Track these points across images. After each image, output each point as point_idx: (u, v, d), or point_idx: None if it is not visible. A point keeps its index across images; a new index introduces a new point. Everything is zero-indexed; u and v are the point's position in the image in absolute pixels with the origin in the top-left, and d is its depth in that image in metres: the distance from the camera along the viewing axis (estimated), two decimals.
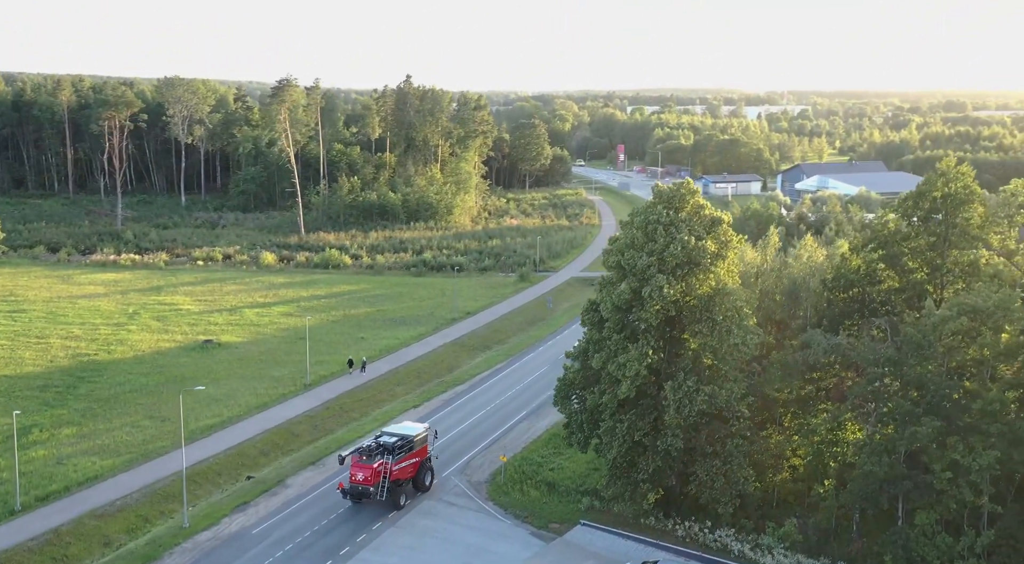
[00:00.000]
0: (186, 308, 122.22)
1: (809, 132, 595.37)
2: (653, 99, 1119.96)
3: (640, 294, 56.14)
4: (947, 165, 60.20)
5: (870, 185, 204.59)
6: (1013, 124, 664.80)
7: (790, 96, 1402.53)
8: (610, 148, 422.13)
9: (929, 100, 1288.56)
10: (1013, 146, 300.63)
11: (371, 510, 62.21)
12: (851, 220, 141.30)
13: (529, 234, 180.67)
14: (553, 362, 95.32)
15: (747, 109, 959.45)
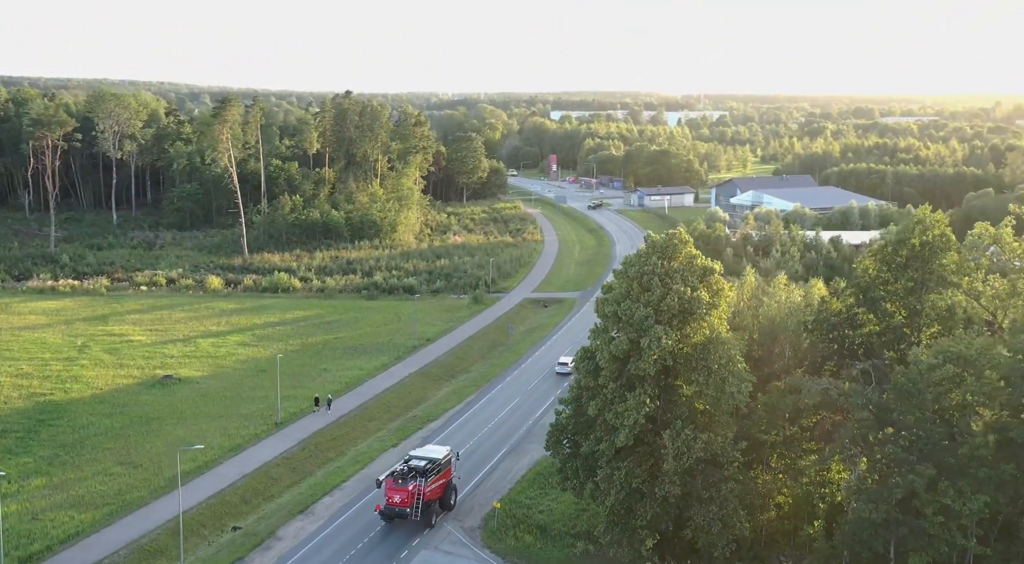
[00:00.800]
0: (137, 339, 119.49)
1: (731, 139, 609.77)
2: (575, 103, 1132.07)
3: (638, 344, 57.18)
4: (923, 213, 62.61)
5: (803, 200, 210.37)
6: (921, 131, 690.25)
7: (706, 100, 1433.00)
8: (541, 157, 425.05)
9: (837, 105, 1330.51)
10: (928, 159, 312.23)
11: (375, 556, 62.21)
12: (794, 240, 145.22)
13: (476, 252, 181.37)
14: (524, 393, 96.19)
15: (668, 114, 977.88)
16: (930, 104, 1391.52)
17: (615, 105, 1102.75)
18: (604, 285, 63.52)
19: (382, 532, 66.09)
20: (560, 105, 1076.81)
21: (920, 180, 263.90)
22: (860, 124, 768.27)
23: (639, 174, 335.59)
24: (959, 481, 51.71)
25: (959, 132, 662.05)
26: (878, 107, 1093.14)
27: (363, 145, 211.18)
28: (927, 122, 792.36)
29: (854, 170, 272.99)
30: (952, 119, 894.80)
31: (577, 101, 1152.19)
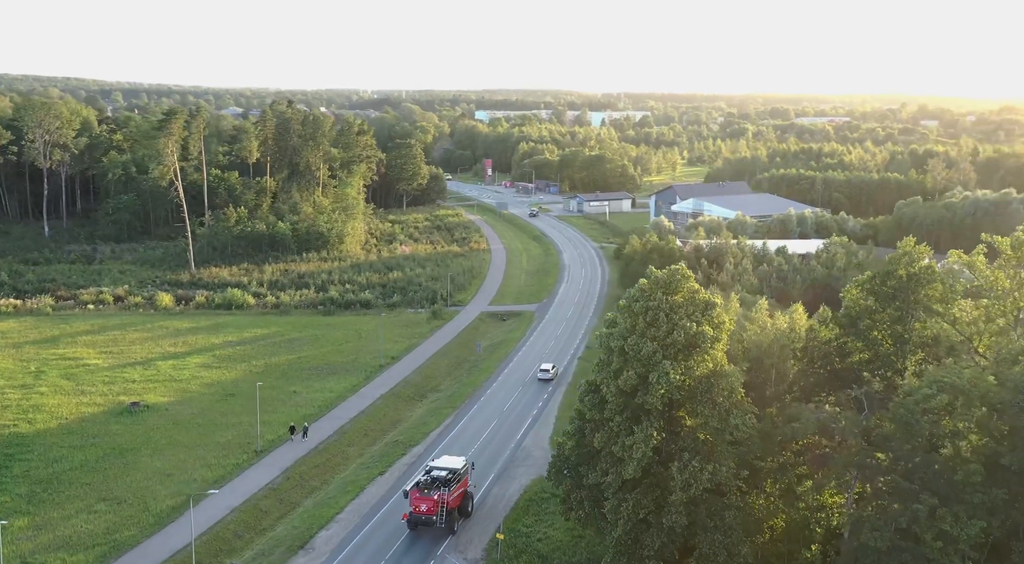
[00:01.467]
0: (94, 362, 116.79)
1: (656, 140, 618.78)
2: (498, 103, 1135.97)
3: (646, 379, 58.56)
4: (907, 245, 65.17)
5: (742, 208, 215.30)
6: (836, 133, 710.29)
7: (626, 99, 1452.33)
8: (474, 161, 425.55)
9: (752, 104, 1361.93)
10: (853, 164, 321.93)
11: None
12: (744, 251, 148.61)
13: (426, 263, 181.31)
14: (500, 414, 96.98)
15: (591, 115, 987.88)
16: (839, 103, 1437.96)
17: (538, 105, 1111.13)
18: (606, 318, 64.75)
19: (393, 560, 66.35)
20: (484, 105, 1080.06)
21: (848, 186, 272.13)
22: (778, 125, 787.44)
23: (575, 179, 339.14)
24: (955, 507, 54.40)
25: (872, 133, 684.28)
26: (792, 107, 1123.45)
27: (306, 154, 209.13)
28: (841, 124, 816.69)
29: (785, 176, 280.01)
30: (863, 120, 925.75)
31: (500, 100, 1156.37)
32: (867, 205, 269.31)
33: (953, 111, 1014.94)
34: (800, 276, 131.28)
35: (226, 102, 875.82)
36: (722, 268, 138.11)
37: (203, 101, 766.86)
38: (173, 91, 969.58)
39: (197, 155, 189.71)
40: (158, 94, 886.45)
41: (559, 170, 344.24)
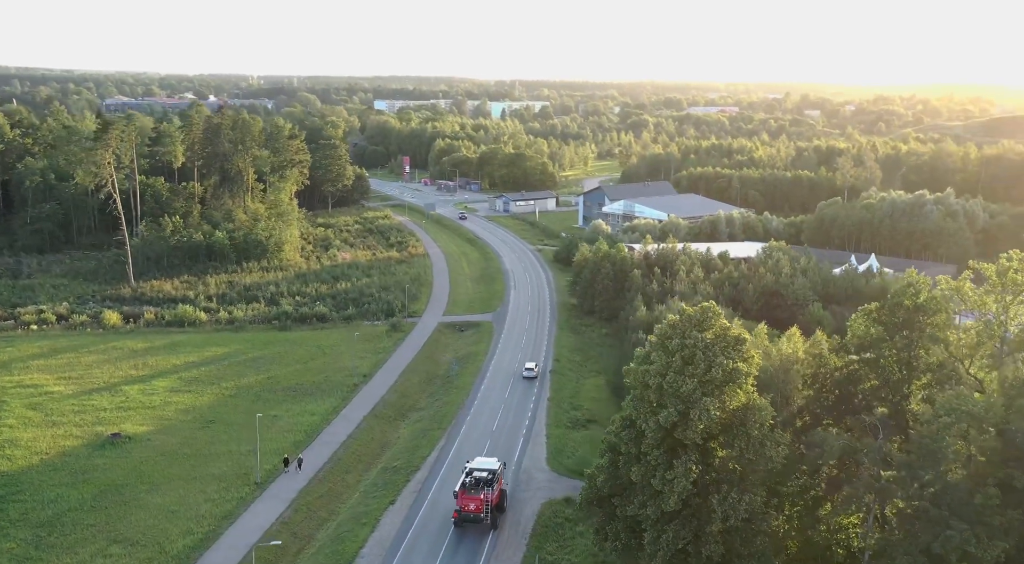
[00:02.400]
0: (56, 390, 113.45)
1: (561, 133, 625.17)
2: (395, 92, 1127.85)
3: (687, 415, 61.24)
4: (911, 276, 69.25)
5: (672, 209, 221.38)
6: (732, 124, 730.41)
7: (521, 87, 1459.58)
8: (388, 157, 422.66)
9: (643, 91, 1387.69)
10: (763, 160, 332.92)
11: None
12: (691, 257, 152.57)
13: (371, 271, 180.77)
14: (491, 435, 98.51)
15: (491, 105, 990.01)
16: (724, 92, 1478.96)
17: (436, 94, 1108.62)
18: (637, 354, 67.00)
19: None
20: (381, 94, 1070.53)
21: (763, 183, 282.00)
22: (673, 116, 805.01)
23: (494, 176, 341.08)
24: (976, 528, 58.93)
25: (765, 124, 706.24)
26: (682, 97, 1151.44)
27: (237, 160, 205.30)
28: (733, 114, 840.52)
29: (703, 174, 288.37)
30: (751, 109, 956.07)
31: (397, 90, 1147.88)
32: (782, 202, 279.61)
33: (832, 101, 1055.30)
34: (752, 284, 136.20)
35: (108, 90, 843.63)
36: (675, 276, 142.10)
37: (84, 88, 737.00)
38: (48, 77, 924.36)
39: (129, 163, 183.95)
40: (31, 81, 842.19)
41: (478, 167, 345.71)
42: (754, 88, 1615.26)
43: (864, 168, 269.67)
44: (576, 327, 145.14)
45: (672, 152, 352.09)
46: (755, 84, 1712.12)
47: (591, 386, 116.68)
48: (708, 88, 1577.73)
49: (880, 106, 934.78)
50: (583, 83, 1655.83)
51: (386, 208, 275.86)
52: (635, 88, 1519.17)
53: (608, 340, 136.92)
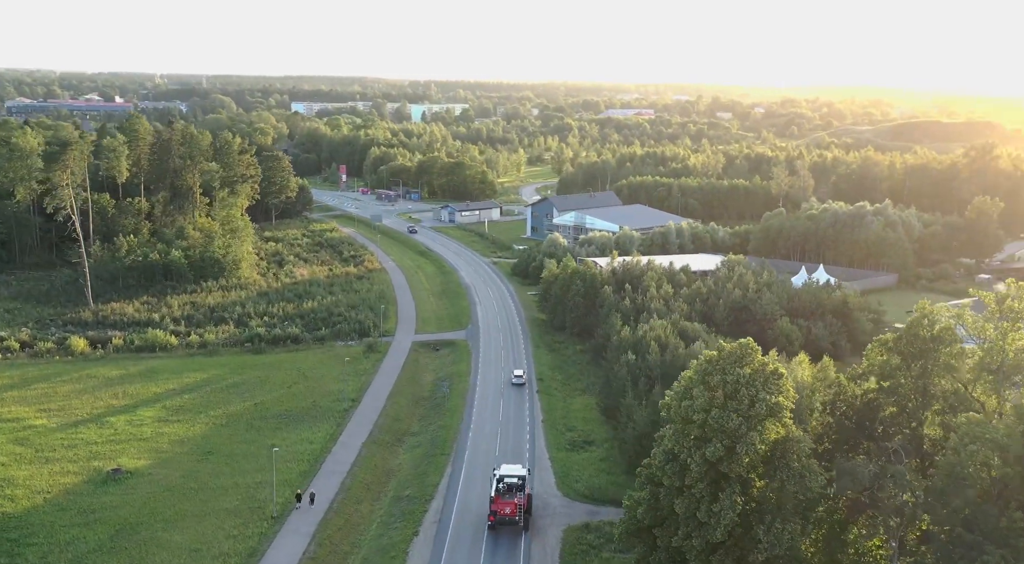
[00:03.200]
0: (38, 423, 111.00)
1: (487, 137, 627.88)
2: (312, 94, 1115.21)
3: (733, 449, 64.08)
4: (924, 307, 73.18)
5: (622, 221, 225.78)
6: (652, 128, 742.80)
7: (436, 87, 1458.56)
8: (320, 165, 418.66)
9: (557, 93, 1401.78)
10: (697, 169, 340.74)
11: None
12: (655, 272, 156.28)
13: (333, 289, 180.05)
14: (495, 460, 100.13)
15: (411, 107, 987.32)
16: (635, 92, 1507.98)
17: (352, 95, 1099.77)
18: (677, 386, 69.39)
19: None
20: (297, 96, 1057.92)
21: (701, 192, 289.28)
22: (595, 119, 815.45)
23: (434, 185, 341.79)
24: (1003, 550, 63.18)
25: (685, 128, 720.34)
26: (598, 98, 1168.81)
27: (187, 176, 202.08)
28: (653, 117, 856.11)
29: (643, 183, 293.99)
30: (666, 112, 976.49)
31: (313, 91, 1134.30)
32: (720, 210, 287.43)
33: (742, 103, 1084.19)
34: (722, 300, 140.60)
35: (7, 90, 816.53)
36: (646, 292, 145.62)
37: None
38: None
39: (81, 181, 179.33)
40: None
41: (417, 176, 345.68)
42: (663, 89, 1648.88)
43: (798, 177, 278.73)
44: (550, 344, 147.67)
45: (608, 160, 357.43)
46: (664, 85, 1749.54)
47: (579, 406, 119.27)
48: (619, 89, 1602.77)
49: (788, 109, 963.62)
50: (497, 84, 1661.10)
51: (331, 220, 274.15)
52: (549, 89, 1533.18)
53: (584, 357, 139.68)
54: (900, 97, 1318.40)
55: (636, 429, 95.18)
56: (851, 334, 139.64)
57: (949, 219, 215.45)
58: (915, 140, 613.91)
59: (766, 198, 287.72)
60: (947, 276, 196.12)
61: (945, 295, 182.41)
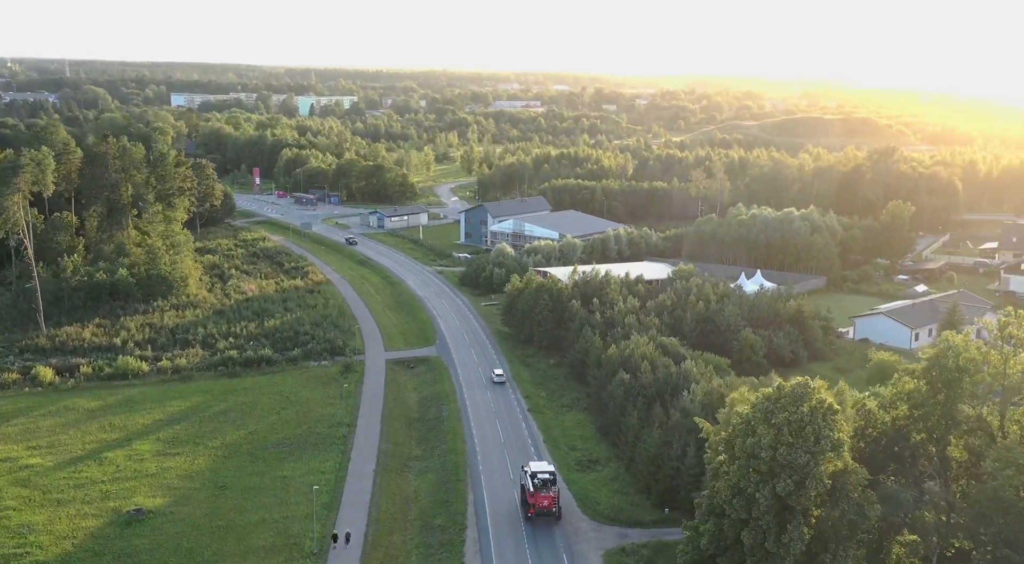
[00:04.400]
0: (33, 462, 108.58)
1: (386, 133, 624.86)
2: (190, 85, 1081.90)
3: (802, 484, 69.27)
4: (950, 338, 79.67)
5: (560, 228, 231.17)
6: (547, 123, 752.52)
7: (316, 76, 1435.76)
8: (226, 167, 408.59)
9: (439, 81, 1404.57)
10: (612, 170, 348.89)
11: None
12: (616, 282, 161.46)
13: (288, 304, 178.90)
14: (513, 484, 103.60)
15: (298, 99, 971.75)
16: (516, 81, 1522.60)
17: (234, 86, 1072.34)
18: (737, 422, 74.21)
19: None
20: (175, 86, 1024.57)
21: (623, 195, 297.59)
22: (486, 112, 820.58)
23: (352, 188, 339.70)
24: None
25: (579, 123, 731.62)
26: (479, 87, 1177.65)
27: (124, 190, 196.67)
28: (544, 111, 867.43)
29: (567, 186, 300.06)
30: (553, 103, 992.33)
31: (190, 81, 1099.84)
32: (641, 212, 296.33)
33: (624, 94, 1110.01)
34: (689, 313, 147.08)
35: None
36: (613, 305, 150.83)
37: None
38: None
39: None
40: None
41: (335, 179, 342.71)
42: (543, 78, 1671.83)
43: (715, 180, 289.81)
44: (523, 359, 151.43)
45: (525, 161, 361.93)
46: (542, 73, 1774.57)
47: (572, 423, 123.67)
48: (499, 78, 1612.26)
49: (671, 101, 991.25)
50: (377, 72, 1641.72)
51: (258, 227, 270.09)
52: (431, 77, 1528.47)
53: (560, 372, 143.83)
54: (765, 86, 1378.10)
55: (648, 450, 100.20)
56: (807, 341, 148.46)
57: (865, 222, 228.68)
58: (798, 135, 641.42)
59: (685, 200, 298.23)
60: (869, 277, 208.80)
61: (870, 296, 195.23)
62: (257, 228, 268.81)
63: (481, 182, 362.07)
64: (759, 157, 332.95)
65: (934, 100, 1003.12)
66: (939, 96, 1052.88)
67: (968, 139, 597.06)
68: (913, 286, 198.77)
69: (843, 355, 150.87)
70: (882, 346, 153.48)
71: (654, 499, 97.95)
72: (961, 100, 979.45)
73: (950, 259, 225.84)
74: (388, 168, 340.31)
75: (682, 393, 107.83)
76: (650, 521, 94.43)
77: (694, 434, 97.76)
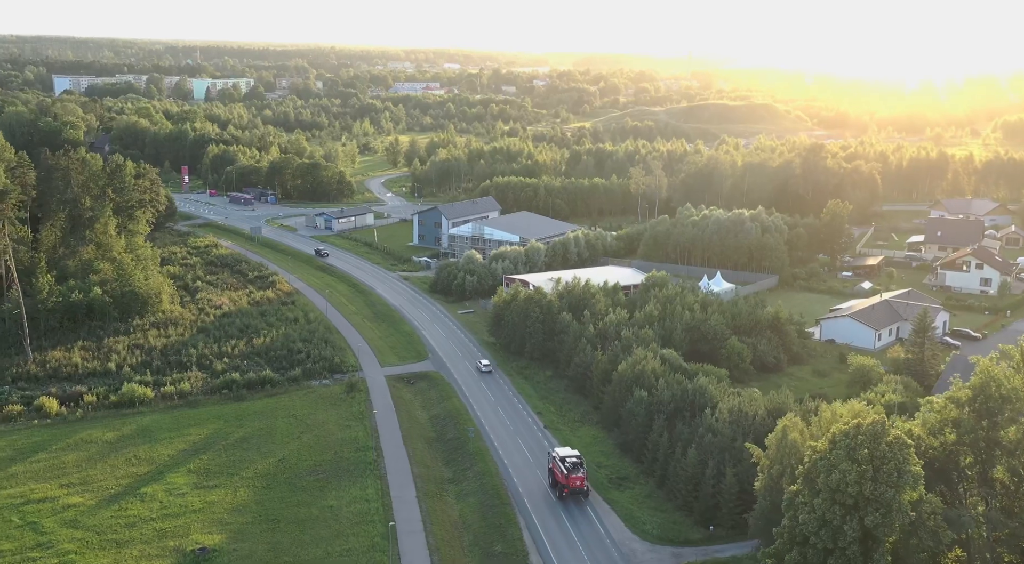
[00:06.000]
0: (74, 501, 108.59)
1: (296, 121, 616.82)
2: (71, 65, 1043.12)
3: (888, 517, 76.44)
4: (988, 369, 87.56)
5: (518, 230, 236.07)
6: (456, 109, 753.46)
7: (200, 54, 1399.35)
8: (145, 162, 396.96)
9: (327, 59, 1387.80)
10: (547, 166, 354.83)
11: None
12: (597, 291, 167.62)
13: (268, 318, 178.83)
14: (557, 503, 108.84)
15: (192, 82, 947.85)
16: (405, 58, 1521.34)
17: (120, 68, 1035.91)
18: (820, 461, 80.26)
19: None
20: (55, 67, 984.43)
21: (565, 192, 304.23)
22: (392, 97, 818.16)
23: (288, 186, 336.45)
24: None
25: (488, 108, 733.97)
26: (374, 67, 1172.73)
27: (83, 204, 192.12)
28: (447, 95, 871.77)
29: (510, 184, 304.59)
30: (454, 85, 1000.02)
31: (71, 62, 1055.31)
32: (583, 209, 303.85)
33: (520, 75, 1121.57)
34: (678, 323, 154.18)
35: None
36: (602, 317, 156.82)
37: None
38: None
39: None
40: None
41: (269, 177, 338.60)
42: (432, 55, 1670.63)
43: (653, 176, 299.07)
44: (520, 371, 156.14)
45: (459, 156, 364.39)
46: (431, 50, 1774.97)
47: (589, 438, 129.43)
48: (388, 55, 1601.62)
49: (568, 83, 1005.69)
50: (264, 49, 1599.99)
51: (204, 232, 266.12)
52: (319, 55, 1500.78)
53: (559, 384, 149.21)
54: (654, 65, 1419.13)
55: (685, 470, 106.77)
56: (785, 346, 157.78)
57: (807, 221, 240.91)
58: (704, 121, 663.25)
59: (624, 196, 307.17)
60: (816, 274, 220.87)
61: (820, 293, 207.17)
62: (202, 232, 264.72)
63: (416, 177, 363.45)
64: (694, 153, 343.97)
65: (817, 81, 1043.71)
66: (821, 77, 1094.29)
67: (860, 124, 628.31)
68: (859, 283, 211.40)
69: (816, 357, 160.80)
70: (847, 346, 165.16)
71: (696, 517, 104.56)
72: (842, 81, 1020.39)
73: (884, 255, 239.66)
74: (324, 166, 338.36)
75: (704, 410, 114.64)
76: (699, 539, 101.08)
77: (727, 453, 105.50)
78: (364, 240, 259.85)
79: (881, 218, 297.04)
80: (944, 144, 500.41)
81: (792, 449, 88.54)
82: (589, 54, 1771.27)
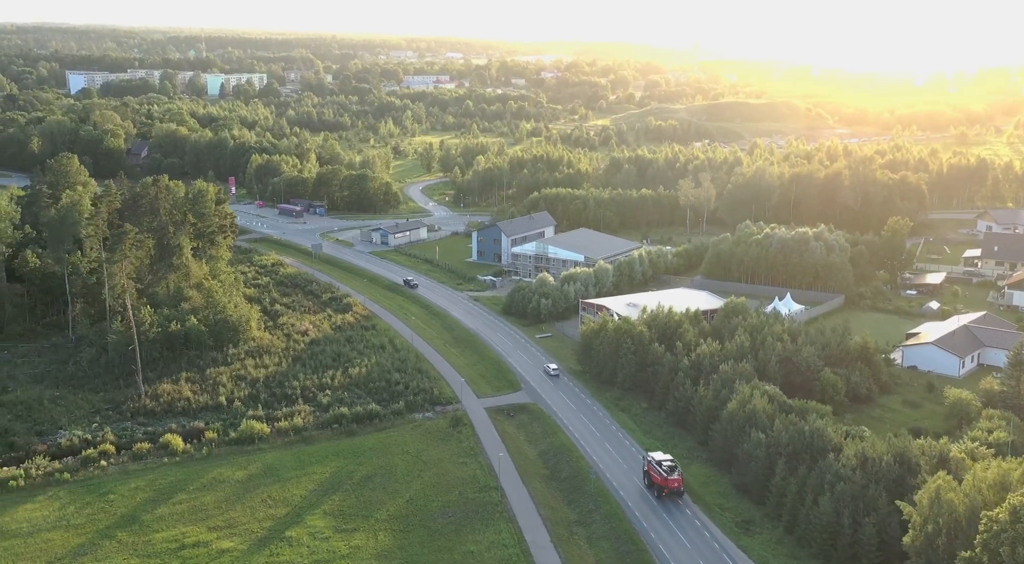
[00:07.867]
0: (227, 546, 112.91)
1: (319, 122, 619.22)
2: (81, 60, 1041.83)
3: None
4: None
5: (579, 249, 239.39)
6: (474, 106, 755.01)
7: (204, 44, 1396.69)
8: (186, 171, 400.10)
9: (329, 48, 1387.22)
10: (589, 175, 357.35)
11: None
12: (680, 323, 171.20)
13: (357, 345, 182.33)
14: (699, 556, 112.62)
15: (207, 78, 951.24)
16: (407, 47, 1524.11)
17: (132, 63, 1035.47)
18: (1003, 533, 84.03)
19: None
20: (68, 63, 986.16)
21: (614, 205, 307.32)
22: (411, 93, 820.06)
23: (335, 198, 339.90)
24: None
25: (506, 105, 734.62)
26: (374, 57, 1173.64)
27: (171, 231, 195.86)
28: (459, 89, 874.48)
29: (559, 196, 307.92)
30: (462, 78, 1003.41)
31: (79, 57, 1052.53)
32: (632, 222, 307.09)
33: (528, 68, 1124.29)
34: (773, 355, 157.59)
35: None
36: (694, 349, 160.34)
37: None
38: None
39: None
40: None
41: (315, 188, 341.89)
42: (434, 45, 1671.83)
43: (702, 188, 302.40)
44: (615, 402, 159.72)
45: (502, 166, 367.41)
46: (431, 38, 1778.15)
47: (702, 476, 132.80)
48: (392, 44, 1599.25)
49: (578, 75, 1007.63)
50: (265, 38, 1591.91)
51: (264, 247, 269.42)
52: (320, 43, 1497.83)
53: (657, 417, 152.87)
54: (655, 55, 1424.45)
55: (820, 519, 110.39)
56: (875, 376, 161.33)
57: (867, 238, 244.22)
58: (726, 119, 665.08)
59: (673, 208, 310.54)
60: (881, 293, 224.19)
61: (888, 313, 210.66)
62: (263, 248, 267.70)
63: (458, 186, 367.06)
64: (734, 162, 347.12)
65: (824, 74, 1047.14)
66: (828, 70, 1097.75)
67: (881, 121, 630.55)
68: (926, 303, 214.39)
69: (902, 386, 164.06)
70: (931, 374, 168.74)
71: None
72: (849, 74, 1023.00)
73: (946, 272, 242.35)
74: (371, 176, 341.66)
75: (827, 454, 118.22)
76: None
77: (859, 501, 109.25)
78: (422, 256, 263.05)
79: (928, 228, 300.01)
80: (970, 143, 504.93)
81: (948, 508, 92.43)
82: (590, 43, 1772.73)
